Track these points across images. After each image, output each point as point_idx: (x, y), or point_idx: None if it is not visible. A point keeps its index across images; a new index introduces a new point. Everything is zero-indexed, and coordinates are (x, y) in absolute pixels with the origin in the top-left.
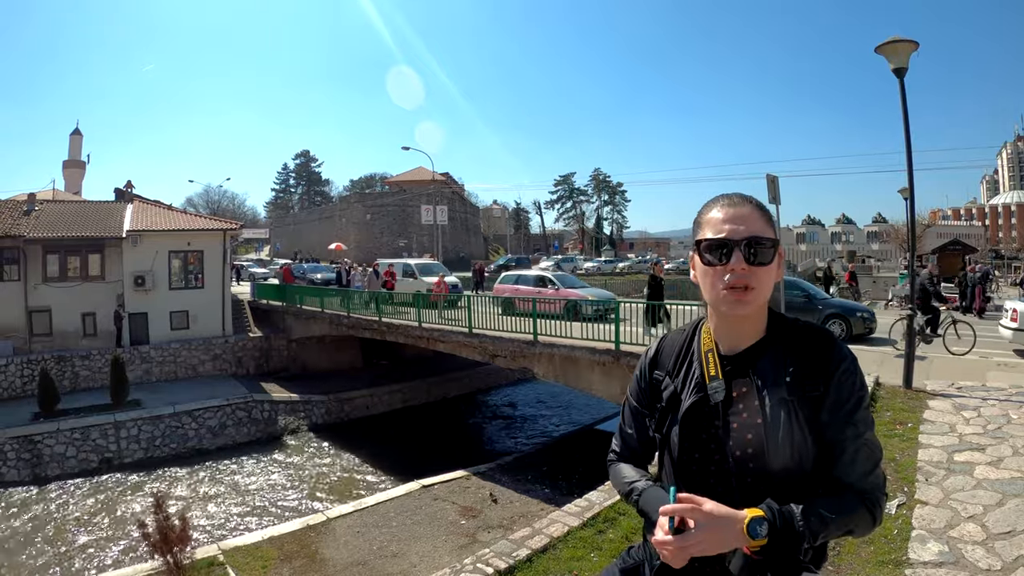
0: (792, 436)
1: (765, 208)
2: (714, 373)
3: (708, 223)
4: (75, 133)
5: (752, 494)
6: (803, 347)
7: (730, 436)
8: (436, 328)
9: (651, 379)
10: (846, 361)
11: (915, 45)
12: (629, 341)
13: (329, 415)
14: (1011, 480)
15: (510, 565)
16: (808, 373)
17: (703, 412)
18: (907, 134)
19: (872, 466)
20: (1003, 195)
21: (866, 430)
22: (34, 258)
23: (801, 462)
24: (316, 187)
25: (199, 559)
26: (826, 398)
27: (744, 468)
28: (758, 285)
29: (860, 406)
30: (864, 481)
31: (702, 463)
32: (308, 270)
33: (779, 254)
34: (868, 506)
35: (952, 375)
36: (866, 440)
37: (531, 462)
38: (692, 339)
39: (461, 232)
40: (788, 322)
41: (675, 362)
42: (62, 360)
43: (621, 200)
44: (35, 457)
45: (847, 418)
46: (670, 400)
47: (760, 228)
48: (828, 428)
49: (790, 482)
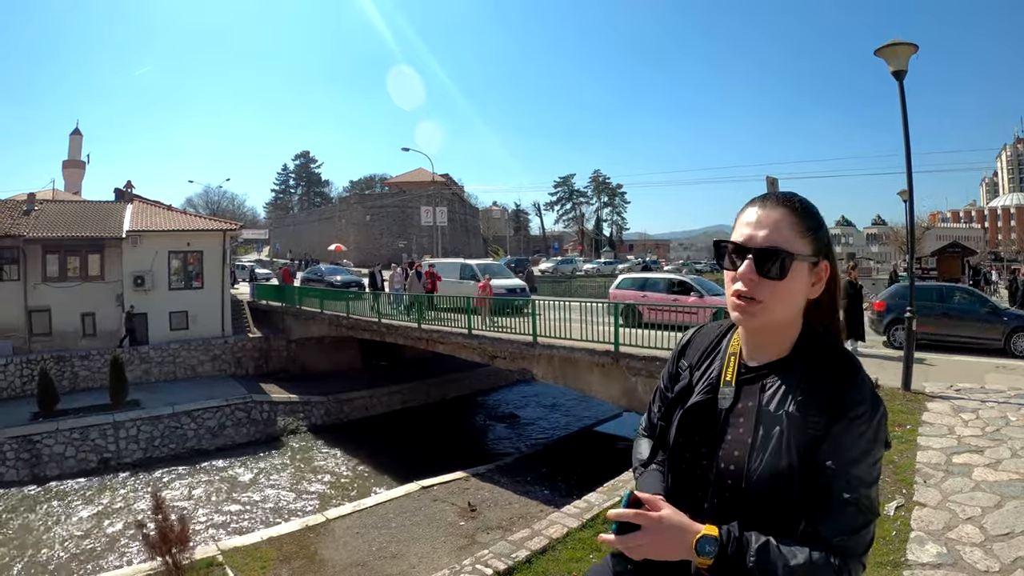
0: (777, 465)
1: (807, 216)
2: (729, 378)
3: (738, 223)
4: (75, 133)
5: (726, 510)
6: (822, 375)
7: (721, 447)
8: (436, 329)
9: (676, 367)
10: (862, 406)
11: (914, 48)
12: (628, 343)
13: (328, 416)
14: (1009, 482)
15: (509, 566)
16: (816, 406)
17: (706, 414)
18: (906, 136)
19: (859, 526)
20: (1002, 197)
21: (861, 487)
22: (34, 258)
23: (783, 495)
24: (316, 188)
25: (198, 559)
26: (826, 438)
27: (723, 482)
28: (766, 299)
29: (865, 458)
30: (844, 540)
31: (690, 464)
32: (326, 272)
33: (808, 269)
34: (835, 570)
35: (951, 377)
36: (859, 497)
37: (530, 463)
38: (724, 338)
39: (461, 233)
40: (820, 345)
41: (700, 356)
42: (61, 360)
43: (620, 202)
44: (34, 457)
45: (845, 466)
46: (681, 392)
47: (784, 238)
48: (821, 472)
49: (767, 509)
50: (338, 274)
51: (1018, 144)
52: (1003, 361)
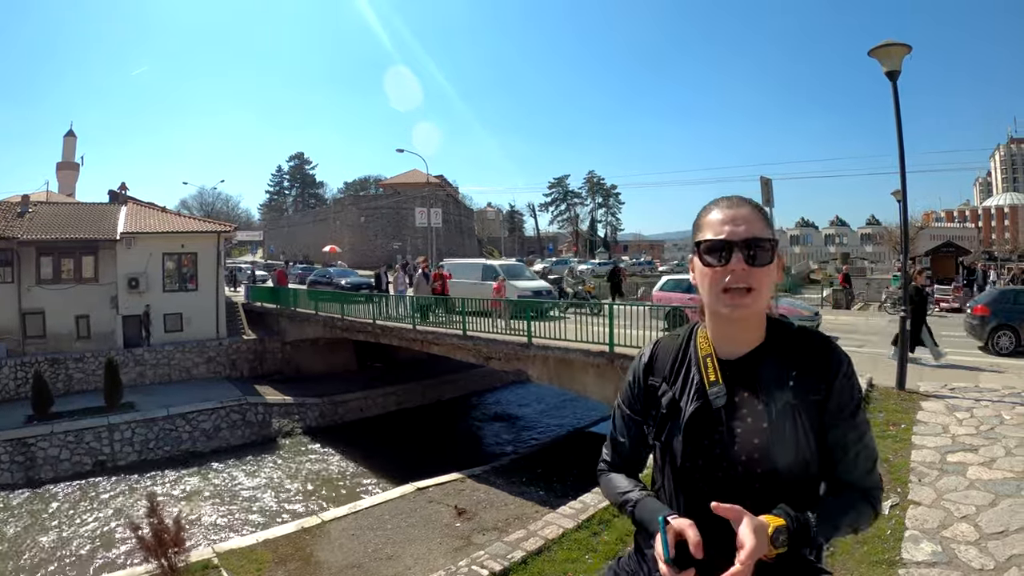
0: (797, 440)
1: (763, 210)
2: (714, 378)
3: (708, 224)
4: (69, 135)
5: (760, 499)
6: (804, 352)
7: (735, 442)
8: (430, 331)
9: (646, 385)
10: (844, 365)
11: (908, 49)
12: (623, 343)
13: (323, 418)
14: (1004, 480)
15: (505, 567)
16: (810, 378)
17: (705, 418)
18: (900, 136)
19: (872, 464)
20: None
21: (866, 431)
22: (28, 260)
23: (806, 465)
24: (310, 189)
25: (193, 562)
26: (828, 402)
27: (752, 473)
28: (758, 286)
29: (859, 408)
30: (866, 479)
31: (707, 470)
32: (335, 274)
33: (778, 256)
34: (871, 502)
35: (945, 377)
36: (866, 441)
37: (526, 464)
38: (688, 344)
39: (455, 234)
40: (787, 327)
41: (672, 368)
42: (56, 362)
43: (615, 202)
44: (29, 460)
45: (849, 420)
46: (670, 407)
47: (760, 229)
48: (831, 431)
49: (796, 485)
50: (347, 276)
51: (1011, 144)
52: (997, 360)
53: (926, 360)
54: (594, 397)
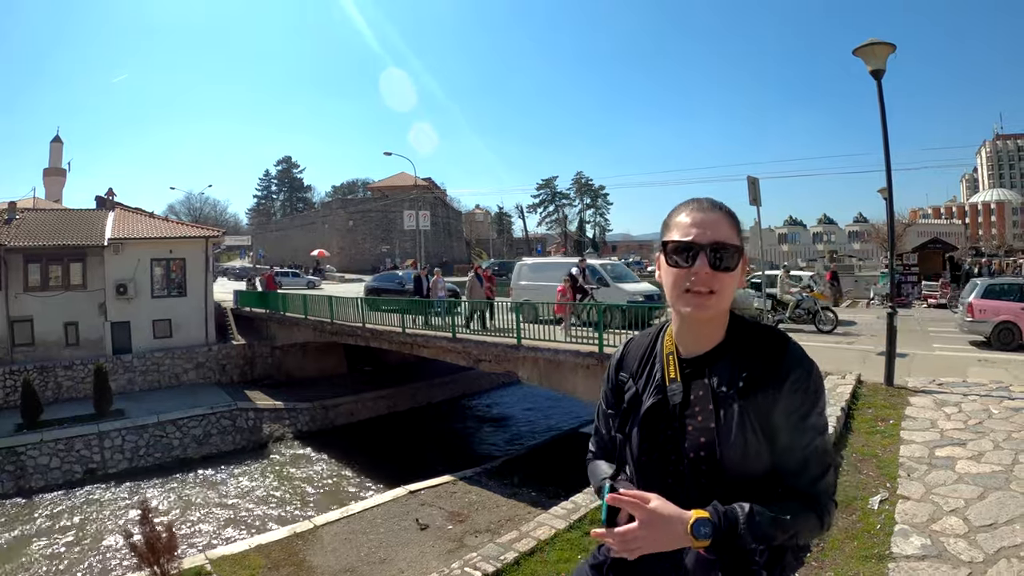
0: (745, 439)
1: (734, 216)
2: (673, 375)
3: (676, 226)
4: (55, 141)
5: (706, 495)
6: (758, 351)
7: (685, 438)
8: (420, 334)
9: (617, 381)
10: (799, 367)
11: (892, 48)
12: (613, 344)
13: (314, 422)
14: (992, 474)
15: (497, 569)
16: (761, 377)
17: (662, 414)
18: (885, 134)
19: (822, 472)
20: (982, 193)
21: (816, 436)
22: (15, 267)
23: (754, 465)
24: (298, 193)
25: (186, 569)
26: (778, 403)
27: (697, 470)
28: (720, 290)
29: (812, 411)
30: (813, 486)
31: (660, 463)
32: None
33: (743, 261)
34: (816, 512)
35: (933, 371)
36: (816, 446)
37: (517, 466)
38: (656, 342)
39: (444, 237)
40: (747, 326)
41: (639, 364)
42: (45, 370)
43: (603, 203)
44: (19, 469)
45: (798, 424)
46: (631, 401)
47: (726, 235)
48: (779, 433)
49: (744, 484)
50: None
51: (997, 140)
52: (985, 354)
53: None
54: (584, 398)
